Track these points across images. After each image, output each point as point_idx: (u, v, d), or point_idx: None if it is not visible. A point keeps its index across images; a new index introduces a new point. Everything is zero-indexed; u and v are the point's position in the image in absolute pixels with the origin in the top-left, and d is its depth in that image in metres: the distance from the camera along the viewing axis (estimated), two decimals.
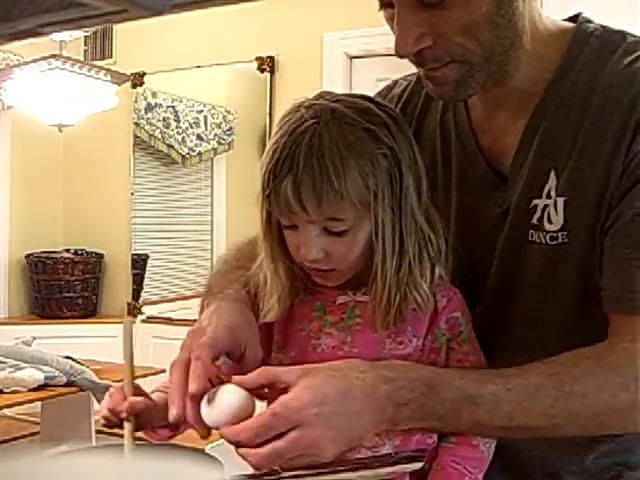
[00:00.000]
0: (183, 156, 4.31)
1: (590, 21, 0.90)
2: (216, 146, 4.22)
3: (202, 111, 4.25)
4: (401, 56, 0.82)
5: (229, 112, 4.19)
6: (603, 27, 0.88)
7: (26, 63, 3.25)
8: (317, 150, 0.82)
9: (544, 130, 0.87)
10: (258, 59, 3.86)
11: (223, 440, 0.81)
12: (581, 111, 0.85)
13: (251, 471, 0.89)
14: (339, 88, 3.50)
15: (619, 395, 0.78)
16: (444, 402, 0.79)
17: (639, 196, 0.80)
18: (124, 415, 0.84)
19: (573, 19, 0.92)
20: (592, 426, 0.81)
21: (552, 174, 0.86)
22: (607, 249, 0.82)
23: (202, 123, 4.25)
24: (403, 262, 0.86)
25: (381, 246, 0.85)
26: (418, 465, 0.83)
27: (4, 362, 2.86)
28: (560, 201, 0.85)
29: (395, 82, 1.07)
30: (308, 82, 3.60)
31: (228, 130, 4.16)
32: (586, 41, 0.87)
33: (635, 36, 0.87)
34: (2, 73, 3.33)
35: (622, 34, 0.88)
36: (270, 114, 3.84)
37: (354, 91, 1.02)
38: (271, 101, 3.85)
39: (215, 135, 4.22)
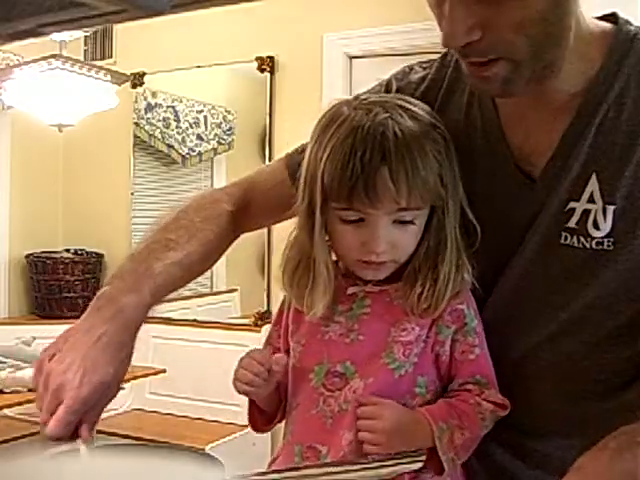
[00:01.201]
0: (183, 156, 4.31)
1: (629, 22, 0.88)
2: (216, 146, 4.21)
3: (202, 111, 4.25)
4: (449, 47, 0.80)
5: (229, 112, 4.19)
6: None
7: (26, 63, 3.25)
8: (403, 141, 0.86)
9: (591, 132, 0.84)
10: (258, 59, 3.86)
11: (223, 440, 0.81)
12: (633, 118, 0.82)
13: (251, 471, 0.89)
14: (339, 88, 3.50)
15: None
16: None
17: None
18: (277, 368, 0.91)
19: (607, 18, 0.89)
20: None
21: (594, 178, 0.84)
22: None
23: (202, 123, 4.25)
24: (446, 253, 0.90)
25: (449, 233, 0.90)
26: (418, 465, 0.84)
27: (4, 362, 2.86)
28: (610, 209, 0.83)
29: (411, 68, 1.05)
30: (308, 82, 3.60)
31: (228, 130, 4.16)
32: (631, 43, 0.85)
33: None
34: (2, 73, 3.33)
35: None
36: (270, 114, 3.84)
37: (354, 91, 1.03)
38: (271, 101, 3.84)
39: (215, 135, 4.22)
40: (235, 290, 4.12)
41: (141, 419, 3.55)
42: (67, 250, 4.32)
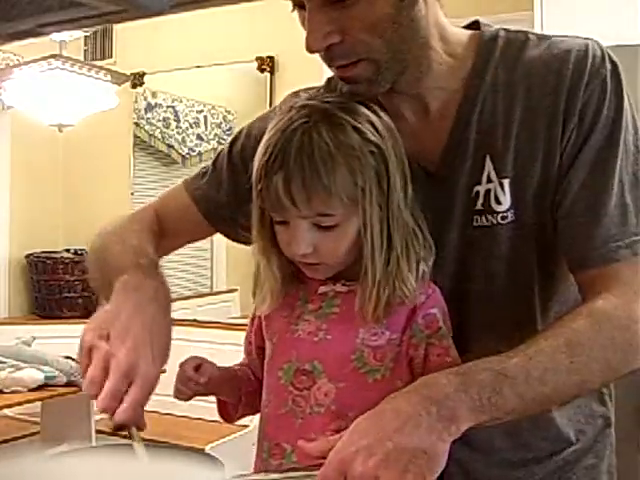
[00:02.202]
0: (183, 156, 4.31)
1: (489, 25, 0.98)
2: (216, 146, 4.21)
3: (202, 111, 4.25)
4: (312, 52, 0.88)
5: (229, 112, 4.19)
6: (504, 29, 0.97)
7: (26, 63, 3.25)
8: (307, 147, 0.86)
9: (475, 121, 0.93)
10: (258, 59, 3.86)
11: (223, 440, 0.82)
12: (507, 101, 0.92)
13: (251, 471, 0.89)
14: None
15: (622, 333, 0.85)
16: (482, 384, 0.79)
17: (582, 167, 0.89)
18: (203, 379, 0.95)
19: (472, 26, 1.00)
20: (617, 363, 0.86)
21: (487, 160, 0.92)
22: (561, 219, 0.91)
23: (202, 123, 4.25)
24: (391, 257, 0.90)
25: (370, 241, 0.89)
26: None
27: (4, 362, 2.86)
28: (505, 182, 0.91)
29: (296, 94, 1.11)
30: (308, 82, 3.59)
31: (228, 130, 4.16)
32: (494, 41, 0.95)
33: (535, 33, 0.96)
34: (2, 73, 3.33)
35: (524, 32, 0.96)
36: None
37: None
38: (271, 101, 3.84)
39: (215, 135, 4.22)
40: (235, 290, 4.12)
41: None
42: (67, 250, 4.32)
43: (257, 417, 1.01)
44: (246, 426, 2.89)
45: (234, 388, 1.03)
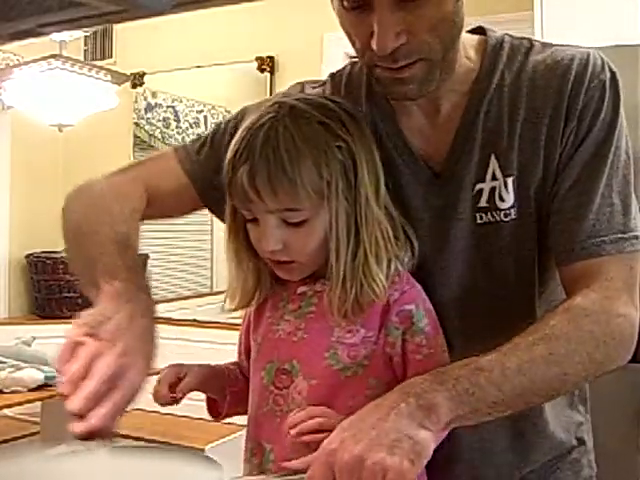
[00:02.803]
0: None
1: (494, 30, 1.02)
2: None
3: (202, 111, 4.25)
4: (384, 54, 0.86)
5: (229, 112, 4.19)
6: (509, 35, 1.00)
7: (26, 63, 3.25)
8: (273, 140, 0.87)
9: (482, 120, 0.95)
10: (258, 59, 3.86)
11: (223, 440, 0.82)
12: (512, 102, 0.95)
13: (251, 471, 0.89)
14: None
15: (601, 327, 0.87)
16: (458, 378, 0.80)
17: (575, 167, 0.92)
18: (178, 397, 0.97)
19: (476, 31, 1.02)
20: (600, 357, 0.87)
21: (492, 158, 0.95)
22: (552, 215, 0.94)
23: (202, 123, 4.25)
24: (358, 252, 0.90)
25: (335, 235, 0.90)
26: None
27: (4, 362, 2.86)
28: (509, 180, 0.94)
29: (302, 85, 1.10)
30: None
31: None
32: (501, 46, 0.98)
33: (539, 41, 1.00)
34: (2, 73, 3.33)
35: (528, 39, 1.00)
36: None
37: None
38: None
39: None
40: None
41: (141, 419, 3.55)
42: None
43: None
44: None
45: (220, 386, 1.04)
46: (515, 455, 1.01)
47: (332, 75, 1.08)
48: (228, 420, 1.09)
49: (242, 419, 1.06)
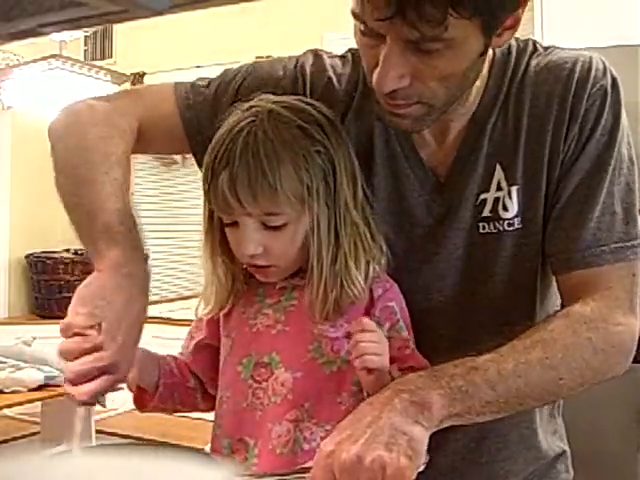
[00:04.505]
0: (183, 156, 4.31)
1: None
2: None
3: None
4: (382, 92, 0.84)
5: None
6: (514, 39, 0.96)
7: (26, 63, 3.25)
8: (252, 146, 0.87)
9: (489, 130, 0.95)
10: (258, 59, 3.86)
11: None
12: (517, 111, 0.94)
13: (251, 471, 0.89)
14: None
15: (599, 335, 0.87)
16: (453, 376, 0.81)
17: (577, 173, 0.91)
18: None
19: None
20: (598, 364, 0.87)
21: (498, 168, 0.94)
22: (552, 222, 0.93)
23: None
24: (339, 255, 0.91)
25: (316, 239, 0.90)
26: None
27: (4, 362, 2.86)
28: (514, 189, 0.93)
29: (320, 57, 1.10)
30: None
31: None
32: (508, 56, 0.96)
33: (541, 44, 0.99)
34: (2, 73, 3.33)
35: (532, 41, 0.98)
36: None
37: None
38: None
39: None
40: None
41: (141, 419, 3.55)
42: (67, 250, 4.32)
43: None
44: None
45: (152, 376, 1.00)
46: (500, 465, 1.01)
47: (353, 54, 1.06)
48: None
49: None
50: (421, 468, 0.80)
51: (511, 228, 0.94)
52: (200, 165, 0.98)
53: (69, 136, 1.00)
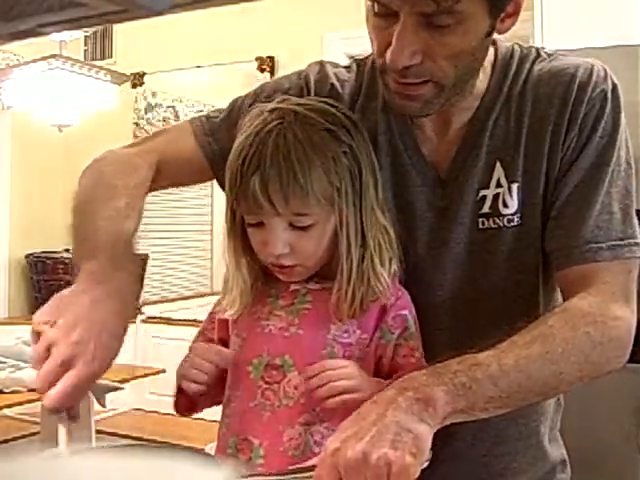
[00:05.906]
0: None
1: (503, 41, 1.03)
2: None
3: (202, 111, 4.23)
4: (395, 67, 0.87)
5: None
6: (518, 44, 1.01)
7: (26, 63, 3.25)
8: (283, 148, 0.88)
9: (490, 128, 0.97)
10: (258, 59, 3.86)
11: None
12: (518, 111, 0.97)
13: (251, 471, 0.89)
14: None
15: (598, 329, 0.88)
16: (456, 372, 0.81)
17: (576, 173, 0.94)
18: (223, 364, 0.95)
19: None
20: (597, 357, 0.88)
21: (498, 165, 0.96)
22: (551, 220, 0.95)
23: None
24: (366, 254, 0.93)
25: (345, 239, 0.92)
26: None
27: (4, 362, 2.86)
28: (514, 187, 0.96)
29: (324, 67, 1.09)
30: None
31: None
32: (510, 57, 0.99)
33: (545, 51, 1.02)
34: (2, 73, 3.33)
35: (535, 48, 1.01)
36: None
37: None
38: None
39: None
40: None
41: (141, 419, 3.55)
42: (67, 250, 4.31)
43: None
44: None
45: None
46: (509, 475, 1.02)
47: (357, 64, 1.09)
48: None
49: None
50: (424, 465, 0.80)
51: (511, 224, 0.96)
52: (222, 185, 0.99)
53: (86, 177, 1.04)
